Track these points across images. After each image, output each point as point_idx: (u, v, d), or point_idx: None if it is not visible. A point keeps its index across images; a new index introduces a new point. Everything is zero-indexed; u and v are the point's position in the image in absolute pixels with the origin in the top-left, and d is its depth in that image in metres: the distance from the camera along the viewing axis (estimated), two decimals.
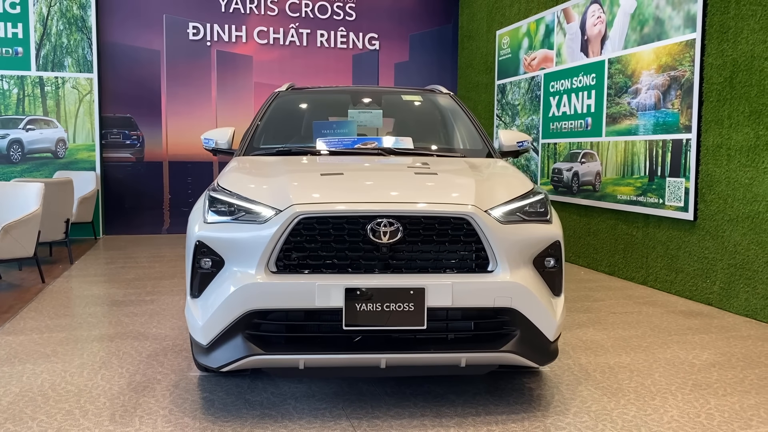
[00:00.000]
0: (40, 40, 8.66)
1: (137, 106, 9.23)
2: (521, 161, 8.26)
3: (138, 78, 9.18)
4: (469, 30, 9.95)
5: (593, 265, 6.84)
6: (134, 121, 9.25)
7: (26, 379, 3.47)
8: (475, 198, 2.93)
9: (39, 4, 8.61)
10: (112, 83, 9.09)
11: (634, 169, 6.13)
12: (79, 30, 8.78)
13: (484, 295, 2.85)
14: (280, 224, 2.79)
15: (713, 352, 4.04)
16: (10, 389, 3.32)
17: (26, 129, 8.74)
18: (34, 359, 3.79)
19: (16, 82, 8.64)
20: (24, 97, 8.69)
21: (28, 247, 5.68)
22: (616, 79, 6.37)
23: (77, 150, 8.93)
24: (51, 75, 8.74)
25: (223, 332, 2.84)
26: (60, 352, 3.93)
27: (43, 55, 8.69)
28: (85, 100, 8.89)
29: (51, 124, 8.83)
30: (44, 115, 8.78)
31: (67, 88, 8.81)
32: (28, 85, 8.68)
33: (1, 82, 8.59)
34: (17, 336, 4.27)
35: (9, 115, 8.67)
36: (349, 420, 2.97)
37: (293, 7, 9.61)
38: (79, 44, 8.80)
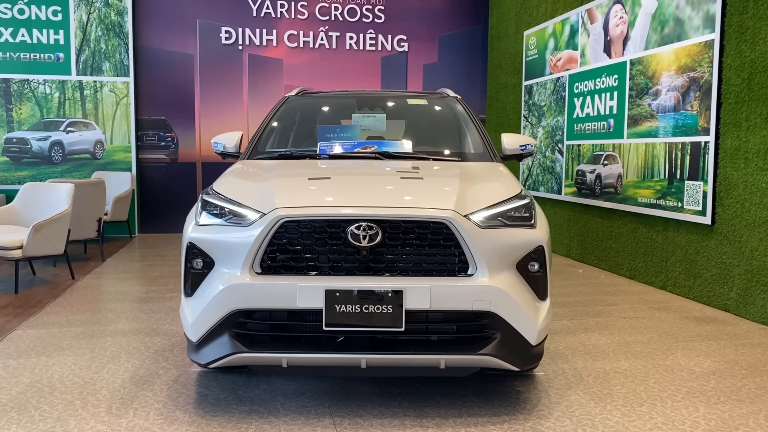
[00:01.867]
0: (80, 45, 9.03)
1: (172, 108, 9.52)
2: (547, 163, 8.20)
3: (172, 81, 9.47)
4: (498, 30, 9.91)
5: (614, 269, 6.75)
6: (169, 123, 9.54)
7: (38, 370, 3.67)
8: (456, 203, 2.97)
9: (79, 11, 8.97)
10: (147, 87, 9.40)
11: (654, 172, 6.03)
12: (117, 35, 9.11)
13: (462, 298, 2.90)
14: (263, 227, 2.90)
15: (717, 360, 3.97)
16: (22, 380, 3.52)
17: (67, 131, 9.13)
18: (49, 352, 4.00)
19: (58, 86, 9.03)
20: (65, 101, 9.07)
21: (59, 245, 5.95)
22: (638, 81, 6.28)
23: (114, 151, 9.27)
24: (90, 79, 9.10)
25: (211, 330, 2.97)
26: (74, 345, 4.14)
27: (83, 60, 9.05)
28: (121, 103, 9.22)
29: (90, 126, 9.19)
30: (83, 117, 9.15)
31: (105, 91, 9.16)
32: (68, 89, 9.06)
33: (44, 86, 8.99)
34: (39, 329, 4.50)
35: (51, 117, 9.07)
36: (332, 418, 3.05)
37: (323, 11, 9.75)
38: (116, 49, 9.13)
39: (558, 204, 8.00)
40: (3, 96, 8.89)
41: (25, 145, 9.03)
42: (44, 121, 9.07)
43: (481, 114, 10.40)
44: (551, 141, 8.09)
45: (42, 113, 9.04)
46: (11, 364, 3.79)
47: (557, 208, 8.03)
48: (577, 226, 7.52)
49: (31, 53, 8.90)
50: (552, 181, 8.08)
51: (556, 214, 8.03)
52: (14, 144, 9.00)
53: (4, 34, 8.80)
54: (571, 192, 7.61)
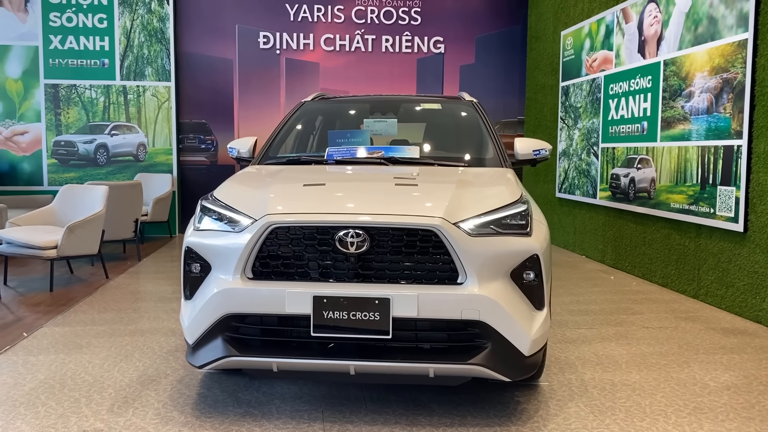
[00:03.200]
0: (124, 51, 9.34)
1: (211, 112, 9.74)
2: (582, 166, 8.02)
3: (212, 85, 9.69)
4: (536, 30, 9.76)
5: (647, 276, 6.54)
6: (209, 126, 9.77)
7: (54, 367, 3.82)
8: (446, 210, 2.94)
9: (123, 18, 9.28)
10: (188, 91, 9.65)
11: (686, 177, 5.83)
12: (159, 41, 9.39)
13: (450, 307, 2.87)
14: (254, 233, 2.94)
15: (736, 374, 3.80)
16: (37, 376, 3.67)
17: (111, 134, 9.46)
18: (68, 350, 4.16)
19: (103, 91, 9.37)
20: (109, 105, 9.40)
21: (93, 246, 6.17)
22: (671, 82, 6.08)
23: (156, 153, 9.55)
24: (133, 84, 9.40)
25: (205, 333, 3.02)
26: (93, 344, 4.28)
27: (126, 66, 9.36)
28: (163, 107, 9.49)
29: (133, 129, 9.50)
30: (127, 121, 9.47)
31: (148, 96, 9.45)
32: (113, 94, 9.39)
33: (90, 91, 9.34)
34: (63, 327, 4.68)
35: (96, 121, 9.41)
36: (323, 423, 3.07)
37: (359, 14, 9.80)
38: (158, 55, 9.41)
39: (593, 208, 7.81)
40: (52, 101, 9.28)
41: (72, 148, 9.40)
42: (90, 125, 9.42)
43: (520, 116, 10.26)
44: (587, 143, 7.91)
45: (88, 117, 9.39)
46: (31, 360, 3.96)
47: (592, 213, 7.84)
48: (612, 232, 7.33)
49: (79, 59, 9.26)
50: (587, 184, 7.90)
51: (592, 218, 7.85)
52: (62, 147, 9.38)
53: (53, 42, 9.18)
54: (605, 196, 7.43)
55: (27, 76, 9.20)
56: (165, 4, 9.36)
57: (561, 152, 8.72)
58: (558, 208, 8.89)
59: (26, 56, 9.17)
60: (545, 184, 9.35)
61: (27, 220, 6.37)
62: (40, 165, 9.34)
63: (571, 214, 8.47)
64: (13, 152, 9.29)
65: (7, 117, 9.22)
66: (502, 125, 10.26)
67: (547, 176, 9.29)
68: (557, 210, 8.92)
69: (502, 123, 10.26)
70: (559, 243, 8.81)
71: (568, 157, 8.48)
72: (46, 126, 9.32)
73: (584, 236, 8.05)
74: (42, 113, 9.28)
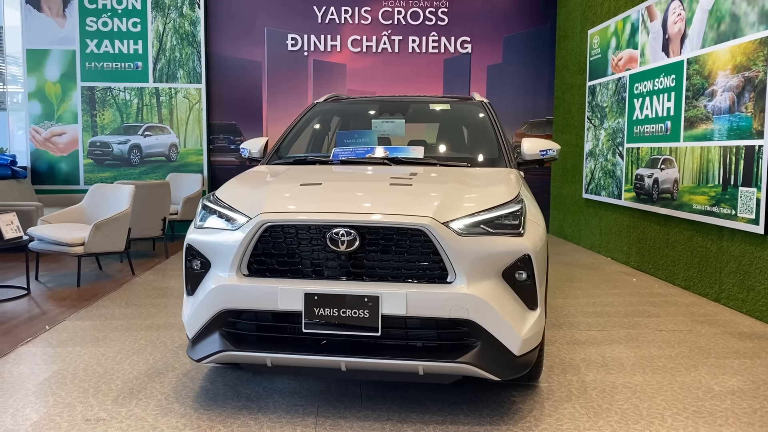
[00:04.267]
0: (157, 54, 9.60)
1: (241, 113, 9.93)
2: (608, 167, 7.91)
3: (241, 87, 9.87)
4: (565, 29, 9.66)
5: (670, 279, 6.42)
6: (238, 127, 9.95)
7: (69, 359, 3.98)
8: (436, 210, 2.97)
9: (156, 22, 9.54)
10: (218, 92, 9.85)
11: (708, 177, 5.71)
12: (190, 44, 9.62)
13: (439, 305, 2.89)
14: (248, 231, 3.02)
15: (744, 379, 3.72)
16: (52, 367, 3.83)
17: (144, 135, 9.73)
18: (85, 343, 4.32)
19: (136, 93, 9.64)
20: (142, 107, 9.68)
21: (119, 243, 6.37)
22: (694, 81, 5.96)
23: (187, 154, 9.79)
24: (165, 86, 9.65)
25: (203, 328, 3.12)
26: (109, 338, 4.44)
27: (159, 68, 9.62)
28: (194, 109, 9.72)
29: (165, 130, 9.75)
30: (159, 122, 9.72)
31: (179, 97, 9.68)
32: (146, 96, 9.65)
33: (124, 93, 9.63)
34: (84, 321, 4.85)
35: (130, 122, 9.70)
36: (316, 418, 3.13)
37: (386, 15, 9.86)
38: (189, 57, 9.64)
39: (618, 209, 7.70)
40: (88, 103, 9.60)
41: (107, 148, 9.70)
42: (124, 126, 9.70)
43: (548, 116, 10.17)
44: (612, 144, 7.80)
45: (122, 118, 9.68)
46: (48, 352, 4.13)
47: (617, 214, 7.73)
48: (636, 233, 7.21)
49: (113, 63, 9.55)
50: (613, 185, 7.79)
51: (617, 219, 7.74)
52: (98, 147, 9.69)
53: (89, 46, 9.50)
54: (630, 197, 7.31)
55: (65, 79, 9.54)
56: (196, 7, 9.58)
57: (588, 152, 8.61)
58: (584, 209, 8.79)
59: (64, 60, 9.51)
60: (572, 184, 9.25)
61: (58, 218, 6.61)
62: (76, 165, 9.67)
63: (597, 215, 8.36)
64: (52, 152, 9.64)
65: (46, 119, 9.57)
66: (529, 125, 10.18)
67: (574, 177, 9.18)
68: (584, 211, 8.81)
69: (530, 123, 10.18)
70: (585, 244, 8.71)
71: (594, 158, 8.38)
72: (83, 127, 9.64)
73: (609, 237, 7.94)
74: (79, 115, 9.61)
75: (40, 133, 9.59)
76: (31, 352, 4.12)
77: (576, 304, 5.50)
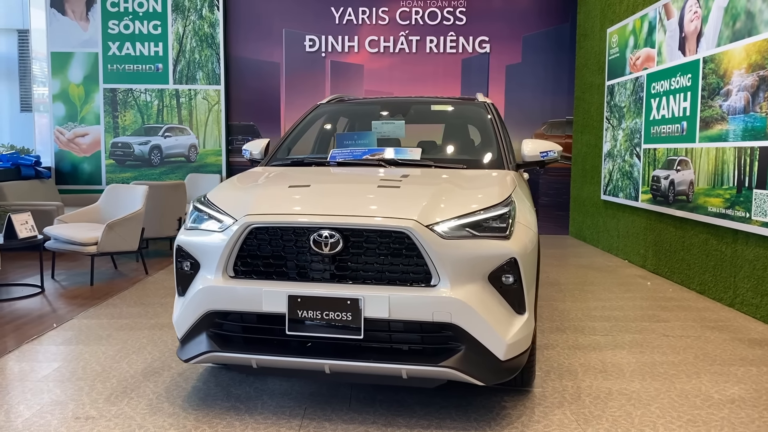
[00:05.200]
0: (177, 56, 9.73)
1: (259, 114, 10.00)
2: (626, 168, 7.77)
3: (260, 88, 9.95)
4: (585, 28, 9.52)
5: (686, 283, 6.28)
6: (256, 128, 10.03)
7: (70, 357, 4.05)
8: (421, 212, 2.94)
9: (176, 24, 9.67)
10: (237, 94, 9.95)
11: (723, 179, 5.56)
12: (209, 46, 9.73)
13: (422, 309, 2.87)
14: (234, 232, 3.03)
15: (746, 388, 3.62)
16: (52, 365, 3.90)
17: (164, 136, 9.87)
18: (88, 341, 4.39)
19: (157, 95, 9.79)
20: (163, 108, 9.82)
21: (132, 242, 6.47)
22: (710, 80, 5.81)
23: (206, 155, 9.90)
24: (185, 88, 9.78)
25: (191, 329, 3.15)
26: (113, 336, 4.51)
27: (179, 70, 9.75)
28: (213, 110, 9.83)
29: (185, 131, 9.88)
30: (179, 123, 9.85)
31: (199, 99, 9.80)
32: (166, 97, 9.79)
33: (145, 94, 9.78)
34: (91, 320, 4.94)
35: (150, 123, 9.85)
36: (302, 420, 3.13)
37: (403, 15, 9.84)
38: (209, 59, 9.75)
39: (635, 211, 7.56)
40: (110, 104, 9.78)
41: (129, 149, 9.86)
42: (145, 127, 9.86)
43: (568, 116, 10.03)
44: (630, 144, 7.66)
45: (143, 120, 9.83)
46: (51, 349, 4.21)
47: (634, 216, 7.58)
48: (653, 236, 7.07)
49: (135, 65, 9.71)
50: (630, 186, 7.65)
51: (634, 222, 7.60)
52: (119, 148, 9.86)
53: (111, 48, 9.67)
54: (646, 199, 7.17)
55: (88, 81, 9.73)
56: (216, 10, 9.68)
57: (606, 153, 8.48)
58: (603, 210, 8.65)
59: (87, 62, 9.70)
60: (591, 186, 9.11)
61: (74, 218, 6.74)
62: (99, 165, 9.85)
63: (615, 217, 8.22)
64: (75, 153, 9.84)
65: (69, 120, 9.77)
66: (549, 125, 10.06)
67: (593, 178, 9.04)
68: (602, 213, 8.67)
69: (549, 123, 10.06)
70: (604, 247, 8.57)
71: (612, 159, 8.24)
72: (105, 128, 9.82)
73: (627, 240, 7.80)
74: (101, 116, 9.79)
75: (64, 134, 9.79)
76: (35, 350, 4.20)
77: (584, 307, 5.41)
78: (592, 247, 8.84)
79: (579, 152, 9.70)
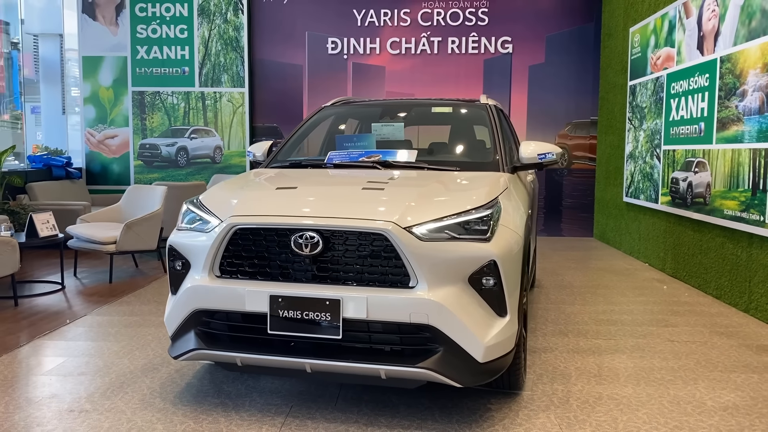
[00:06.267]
0: (202, 60, 9.93)
1: (282, 116, 10.13)
2: (647, 169, 7.63)
3: (283, 90, 10.08)
4: (609, 27, 9.38)
5: (702, 287, 6.14)
6: (280, 129, 10.16)
7: (76, 353, 4.19)
8: (400, 215, 2.97)
9: (202, 28, 9.87)
10: (260, 96, 10.10)
11: (738, 181, 5.43)
12: (234, 50, 9.90)
13: (399, 310, 2.90)
14: (218, 233, 3.11)
15: (743, 395, 3.54)
16: (58, 359, 4.05)
17: (190, 138, 10.08)
18: (97, 337, 4.54)
19: (183, 98, 10.01)
20: (189, 110, 10.03)
21: (151, 242, 6.64)
22: (726, 80, 5.68)
23: (231, 156, 10.08)
24: (210, 90, 9.97)
25: (180, 326, 3.24)
26: (120, 333, 4.64)
27: (204, 73, 9.94)
28: (237, 112, 10.00)
29: (210, 133, 10.08)
30: (204, 125, 10.05)
31: (223, 101, 9.98)
32: (192, 100, 10.00)
33: (172, 97, 10.01)
34: (103, 317, 5.09)
35: (177, 125, 10.07)
36: (285, 417, 3.19)
37: (425, 17, 9.84)
38: (233, 62, 9.92)
39: (656, 214, 7.42)
40: (138, 107, 10.03)
41: (156, 150, 10.10)
42: (172, 129, 10.09)
43: (593, 116, 9.90)
44: (650, 146, 7.53)
45: (170, 122, 10.06)
46: (61, 345, 4.36)
47: (655, 219, 7.45)
48: (672, 239, 6.94)
49: (162, 68, 9.94)
50: (650, 188, 7.52)
51: (654, 224, 7.46)
52: (147, 149, 10.11)
53: (140, 52, 9.92)
54: (666, 201, 7.04)
55: (117, 84, 10.00)
56: (240, 13, 9.85)
57: (628, 154, 8.34)
58: (625, 213, 8.51)
59: (116, 66, 9.97)
60: (614, 187, 8.97)
61: (96, 217, 6.95)
62: (127, 166, 10.12)
63: (636, 220, 8.08)
64: (105, 154, 10.12)
65: (99, 122, 10.07)
66: (573, 126, 9.94)
67: (616, 179, 8.91)
68: (624, 215, 8.54)
69: (573, 124, 9.95)
70: (626, 249, 8.43)
71: (634, 160, 8.10)
72: (133, 130, 10.08)
73: (648, 243, 7.67)
74: (129, 118, 10.05)
75: (94, 135, 10.09)
76: (45, 345, 4.36)
77: (593, 311, 5.35)
78: (614, 250, 8.71)
79: (603, 153, 9.56)
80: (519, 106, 9.91)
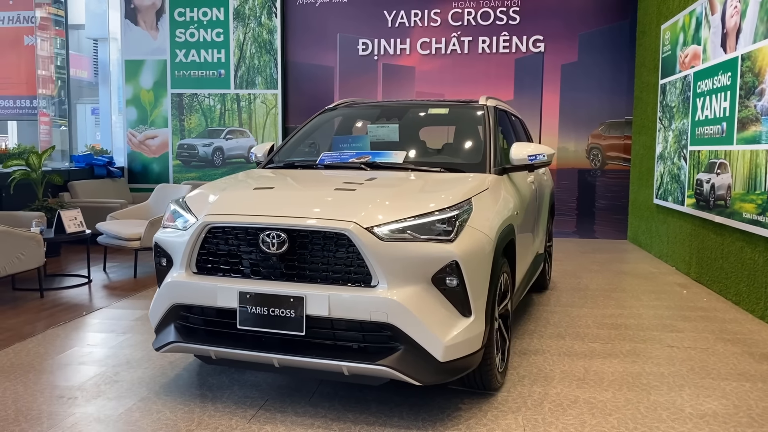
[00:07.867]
0: (238, 62, 10.20)
1: None
2: (674, 171, 7.43)
3: (315, 92, 10.25)
4: (643, 25, 9.15)
5: (723, 292, 5.95)
6: None
7: (86, 342, 4.43)
8: (363, 215, 3.04)
9: (237, 31, 10.14)
10: (293, 97, 10.30)
11: (756, 184, 5.25)
12: (268, 52, 10.13)
13: (359, 308, 2.96)
14: (194, 231, 3.25)
15: (727, 404, 3.44)
16: (65, 349, 4.28)
17: (226, 138, 10.37)
18: (107, 330, 4.77)
19: (219, 99, 10.30)
20: (225, 112, 10.32)
21: None
22: (747, 79, 5.49)
23: None
24: (245, 92, 10.23)
25: (160, 320, 3.40)
26: (128, 326, 4.86)
27: (239, 76, 10.21)
28: (271, 113, 10.23)
29: (244, 134, 10.34)
30: (239, 126, 10.33)
31: (257, 103, 10.23)
32: (228, 101, 10.29)
33: (209, 99, 10.32)
34: (121, 310, 5.34)
35: (213, 126, 10.38)
36: (257, 410, 3.30)
37: (455, 16, 9.83)
38: (267, 64, 10.16)
39: (682, 216, 7.22)
40: (177, 108, 10.39)
41: (193, 151, 10.44)
42: (208, 130, 10.40)
43: (627, 116, 9.68)
44: (678, 146, 7.33)
45: (207, 123, 10.38)
46: (72, 335, 4.61)
47: (681, 221, 7.24)
48: (696, 242, 6.74)
49: (199, 71, 10.27)
50: (678, 190, 7.31)
51: (681, 227, 7.25)
52: (185, 150, 10.46)
53: (178, 55, 10.28)
54: (691, 203, 6.84)
55: (157, 86, 10.39)
56: (274, 17, 10.07)
57: (658, 155, 8.13)
58: (655, 215, 8.30)
59: (157, 69, 10.35)
60: (646, 189, 8.76)
61: (125, 215, 7.26)
62: (166, 166, 10.50)
63: (665, 222, 7.87)
64: (145, 154, 10.52)
65: (140, 123, 10.48)
66: (607, 126, 9.74)
67: (647, 181, 8.69)
68: (654, 217, 8.32)
69: (607, 124, 9.74)
70: (655, 252, 8.22)
71: (663, 161, 7.90)
72: (172, 131, 10.44)
73: (675, 246, 7.46)
74: (169, 119, 10.42)
75: (136, 136, 10.50)
76: (56, 334, 4.62)
77: (599, 314, 5.27)
78: (645, 253, 8.50)
79: (637, 154, 9.34)
80: (551, 106, 9.78)
